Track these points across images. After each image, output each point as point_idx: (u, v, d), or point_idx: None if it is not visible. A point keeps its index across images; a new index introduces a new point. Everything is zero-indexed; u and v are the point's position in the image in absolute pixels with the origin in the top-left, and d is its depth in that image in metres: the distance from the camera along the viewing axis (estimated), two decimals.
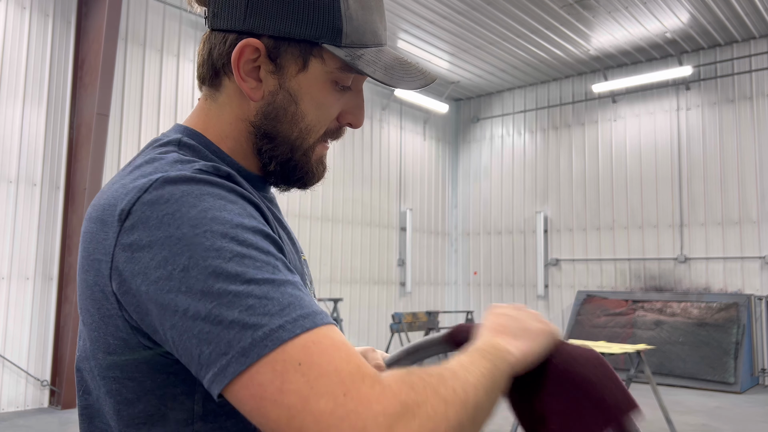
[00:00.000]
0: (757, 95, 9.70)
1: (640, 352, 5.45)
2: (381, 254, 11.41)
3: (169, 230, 0.62)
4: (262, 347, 0.57)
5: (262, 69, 0.77)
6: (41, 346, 6.87)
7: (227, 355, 0.57)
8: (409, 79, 0.80)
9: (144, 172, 0.69)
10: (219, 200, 0.65)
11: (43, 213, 6.98)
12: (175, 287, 0.60)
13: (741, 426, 6.39)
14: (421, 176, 12.41)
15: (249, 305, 0.58)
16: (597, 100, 11.28)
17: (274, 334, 0.57)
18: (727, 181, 9.83)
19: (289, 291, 0.61)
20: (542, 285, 11.57)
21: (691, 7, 8.67)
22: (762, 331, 9.22)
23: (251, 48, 0.75)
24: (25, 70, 6.91)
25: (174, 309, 0.60)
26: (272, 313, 0.58)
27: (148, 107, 7.98)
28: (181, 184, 0.65)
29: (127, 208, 0.65)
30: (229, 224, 0.63)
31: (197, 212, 0.63)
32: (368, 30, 0.78)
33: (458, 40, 9.91)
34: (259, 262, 0.62)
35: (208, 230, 0.62)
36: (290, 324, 0.58)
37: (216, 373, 0.58)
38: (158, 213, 0.63)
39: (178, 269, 0.60)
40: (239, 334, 0.57)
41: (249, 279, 0.60)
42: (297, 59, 0.77)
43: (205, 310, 0.58)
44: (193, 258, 0.60)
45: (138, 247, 0.63)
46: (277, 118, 0.78)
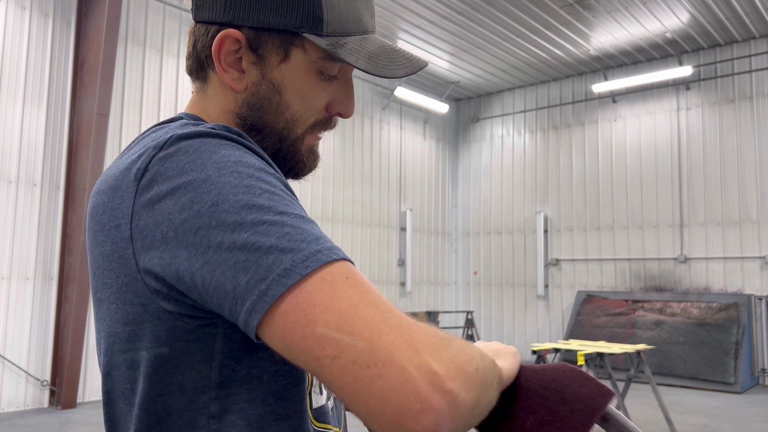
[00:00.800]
0: (757, 95, 9.70)
1: (640, 352, 5.45)
2: (381, 254, 11.41)
3: (192, 175, 0.61)
4: (304, 267, 0.56)
5: (243, 60, 0.76)
6: (41, 346, 6.87)
7: (267, 279, 0.56)
8: (394, 67, 0.77)
9: (154, 139, 0.68)
10: (236, 150, 0.65)
11: (43, 213, 6.98)
12: (205, 223, 0.59)
13: (741, 426, 6.39)
14: (421, 176, 12.41)
15: (285, 232, 0.58)
16: (597, 100, 11.28)
17: (314, 257, 0.57)
18: (727, 181, 9.83)
19: (317, 228, 0.62)
20: (542, 285, 11.57)
21: (691, 7, 8.68)
22: (762, 331, 9.22)
23: (231, 39, 0.75)
24: (25, 70, 6.91)
25: (207, 245, 0.58)
26: (309, 240, 0.58)
27: (148, 107, 7.98)
28: (197, 139, 0.65)
29: (143, 165, 0.64)
30: (254, 167, 0.63)
31: (219, 157, 0.62)
32: (351, 18, 0.77)
33: (458, 40, 9.91)
34: (287, 200, 0.62)
35: (234, 170, 0.61)
36: (327, 250, 0.58)
37: (255, 301, 0.56)
38: (177, 163, 0.63)
39: (207, 206, 0.59)
40: (280, 257, 0.56)
41: (281, 211, 0.60)
42: (278, 49, 0.76)
43: (241, 240, 0.57)
44: (222, 194, 0.60)
45: (158, 198, 0.62)
46: (262, 109, 0.78)
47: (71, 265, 6.92)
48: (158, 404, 0.68)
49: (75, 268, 6.85)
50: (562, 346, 5.37)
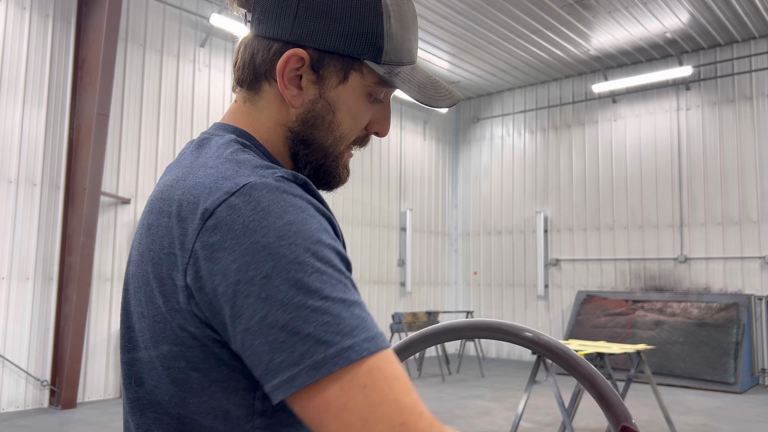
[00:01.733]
0: (757, 95, 9.70)
1: (640, 352, 5.45)
2: (381, 254, 11.41)
3: (254, 237, 0.64)
4: (333, 364, 0.60)
5: (304, 78, 0.81)
6: (41, 346, 6.87)
7: (298, 366, 0.61)
8: (440, 98, 0.84)
9: (224, 173, 0.71)
10: (301, 213, 0.67)
11: (43, 213, 6.98)
12: (255, 292, 0.63)
13: (741, 426, 6.39)
14: (421, 176, 12.41)
15: (325, 321, 0.62)
16: (597, 100, 11.28)
17: (344, 353, 0.61)
18: (727, 181, 9.83)
19: (357, 312, 0.64)
20: (542, 285, 11.57)
21: (691, 7, 8.68)
22: (762, 331, 9.22)
23: (297, 57, 0.79)
24: (25, 70, 6.91)
25: (251, 314, 0.63)
26: (344, 332, 0.62)
27: (148, 107, 7.98)
28: (267, 193, 0.67)
29: (212, 208, 0.67)
30: (311, 240, 0.66)
31: (282, 224, 0.65)
32: (405, 49, 0.83)
33: (458, 40, 9.91)
34: (335, 279, 0.65)
35: (293, 243, 0.64)
36: (358, 346, 0.62)
37: (284, 381, 0.61)
38: (245, 218, 0.65)
39: (260, 275, 0.63)
40: (313, 348, 0.61)
41: (326, 296, 0.63)
42: (338, 72, 0.81)
43: (283, 320, 0.62)
44: (277, 268, 0.63)
45: (220, 247, 0.65)
46: (315, 126, 0.82)
47: (71, 265, 6.92)
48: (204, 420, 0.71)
49: (75, 268, 6.85)
50: None
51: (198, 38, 8.60)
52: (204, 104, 8.61)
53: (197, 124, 8.50)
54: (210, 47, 8.72)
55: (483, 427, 6.13)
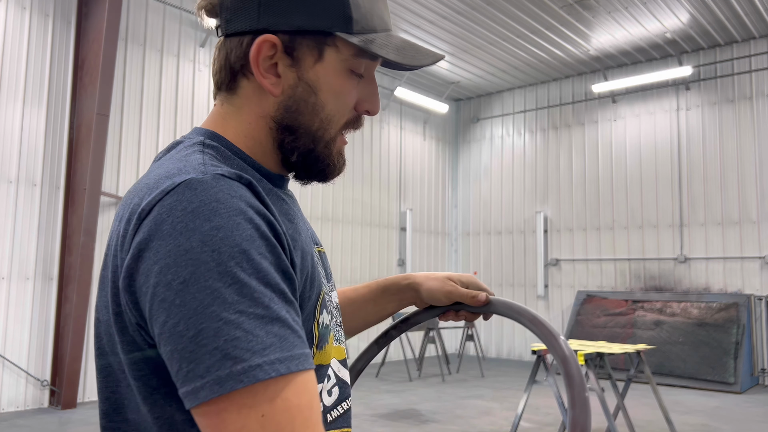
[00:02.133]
0: (757, 95, 9.70)
1: (640, 352, 5.45)
2: (381, 254, 11.41)
3: (179, 239, 0.63)
4: (237, 381, 0.59)
5: (279, 64, 0.79)
6: (41, 346, 6.87)
7: (203, 378, 0.59)
8: (421, 57, 0.82)
9: (169, 172, 0.71)
10: (234, 217, 0.65)
11: (43, 213, 6.98)
12: (170, 297, 0.61)
13: (741, 426, 6.39)
14: (421, 176, 12.41)
15: (235, 337, 0.60)
16: (597, 100, 11.28)
17: (251, 372, 0.59)
18: (727, 181, 9.83)
19: (275, 330, 0.62)
20: (542, 285, 11.57)
21: (691, 7, 8.68)
22: (762, 331, 9.22)
23: (268, 44, 0.78)
24: (25, 70, 6.91)
25: (164, 319, 0.62)
26: (255, 350, 0.60)
27: (148, 107, 7.98)
28: (201, 192, 0.66)
29: (147, 207, 0.67)
30: (238, 248, 0.63)
31: (209, 228, 0.63)
32: (375, 15, 0.82)
33: (458, 40, 9.91)
34: (257, 293, 0.62)
35: (215, 249, 0.62)
36: (267, 365, 0.60)
37: (189, 392, 0.60)
38: (173, 219, 0.64)
39: (178, 280, 0.61)
40: (219, 363, 0.59)
41: (241, 310, 0.61)
42: (312, 51, 0.79)
43: (194, 330, 0.60)
44: (195, 274, 0.61)
45: (147, 247, 0.64)
46: (298, 110, 0.81)
47: (71, 265, 6.92)
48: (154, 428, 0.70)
49: (75, 268, 6.84)
50: None
51: (198, 38, 8.60)
52: (204, 104, 8.61)
53: (197, 124, 8.48)
54: (210, 47, 8.72)
55: (483, 427, 6.13)
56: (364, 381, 8.59)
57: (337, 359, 0.87)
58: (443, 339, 11.43)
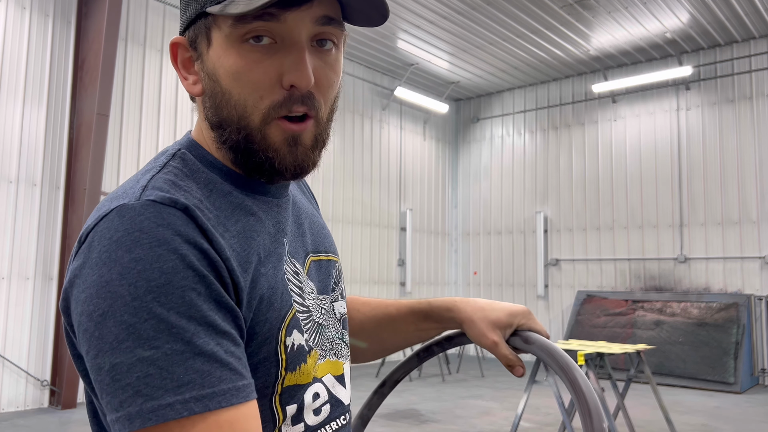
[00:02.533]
0: (757, 95, 9.70)
1: (640, 352, 5.45)
2: (381, 254, 11.41)
3: (102, 270, 0.62)
4: (146, 419, 0.58)
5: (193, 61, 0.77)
6: (41, 346, 6.87)
7: (118, 412, 0.59)
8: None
9: (117, 191, 0.70)
10: (157, 248, 0.62)
11: (43, 213, 6.98)
12: (91, 329, 0.61)
13: (741, 426, 6.39)
14: (421, 176, 12.41)
15: (148, 374, 0.58)
16: (597, 100, 11.28)
17: (161, 410, 0.58)
18: (727, 181, 9.83)
19: (196, 366, 0.59)
20: (542, 285, 11.57)
21: (691, 7, 8.68)
22: (762, 331, 9.22)
23: (179, 45, 0.76)
24: (25, 70, 6.91)
25: (86, 349, 0.62)
26: (168, 387, 0.58)
27: (148, 107, 7.98)
28: (127, 220, 0.64)
29: (85, 233, 0.67)
30: (156, 282, 0.61)
31: (129, 260, 0.61)
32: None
33: (458, 40, 9.91)
34: (176, 328, 0.60)
35: (132, 284, 0.60)
36: (180, 404, 0.58)
37: (112, 421, 0.60)
38: (100, 248, 0.63)
39: (98, 313, 0.61)
40: (131, 399, 0.58)
41: (157, 346, 0.59)
42: (203, 37, 0.74)
43: (110, 364, 0.59)
44: (113, 308, 0.60)
45: (78, 274, 0.64)
46: (216, 105, 0.74)
47: None
48: None
49: None
50: (562, 346, 5.37)
51: None
52: None
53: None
54: None
55: (483, 427, 6.13)
56: (364, 381, 8.59)
57: (333, 375, 0.83)
58: None
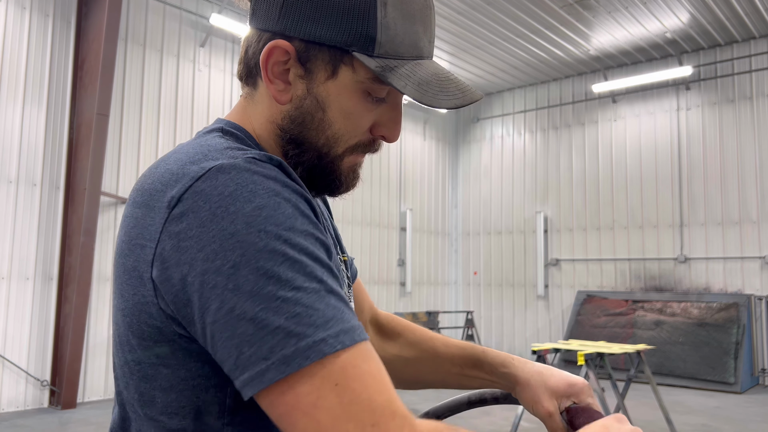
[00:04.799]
0: (757, 95, 9.70)
1: (640, 352, 5.45)
2: (381, 254, 11.41)
3: (222, 224, 0.61)
4: (304, 358, 0.58)
5: (291, 72, 0.75)
6: (41, 346, 6.87)
7: (268, 360, 0.58)
8: (444, 97, 0.74)
9: (193, 157, 0.68)
10: (274, 197, 0.63)
11: (43, 213, 6.98)
12: (222, 283, 0.60)
13: (741, 426, 6.39)
14: (421, 176, 12.41)
15: (296, 313, 0.59)
16: (597, 100, 11.28)
17: (316, 347, 0.58)
18: (727, 181, 9.83)
19: (333, 302, 0.61)
20: (542, 285, 11.56)
21: (691, 7, 8.68)
22: (762, 331, 9.22)
23: (281, 50, 0.74)
24: (25, 70, 6.91)
25: (218, 305, 0.60)
26: (317, 324, 0.59)
27: (148, 107, 7.97)
28: (236, 175, 0.64)
29: (178, 195, 0.64)
30: (283, 226, 0.62)
31: (252, 209, 0.62)
32: (407, 42, 0.74)
33: (458, 40, 9.91)
34: (309, 268, 0.62)
35: (262, 230, 0.61)
36: (332, 338, 0.59)
37: (253, 377, 0.58)
38: (211, 204, 0.62)
39: (228, 265, 0.60)
40: (283, 341, 0.58)
41: (298, 286, 0.60)
42: (327, 65, 0.74)
43: (252, 312, 0.58)
44: (245, 256, 0.60)
45: (187, 236, 0.62)
46: (304, 124, 0.77)
47: (71, 265, 6.92)
48: (172, 421, 0.69)
49: (75, 268, 6.84)
50: (562, 347, 5.37)
51: (198, 38, 8.59)
52: (204, 104, 8.61)
53: (197, 124, 8.49)
54: (210, 47, 8.72)
55: (483, 427, 6.12)
56: None
57: None
58: None
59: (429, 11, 0.78)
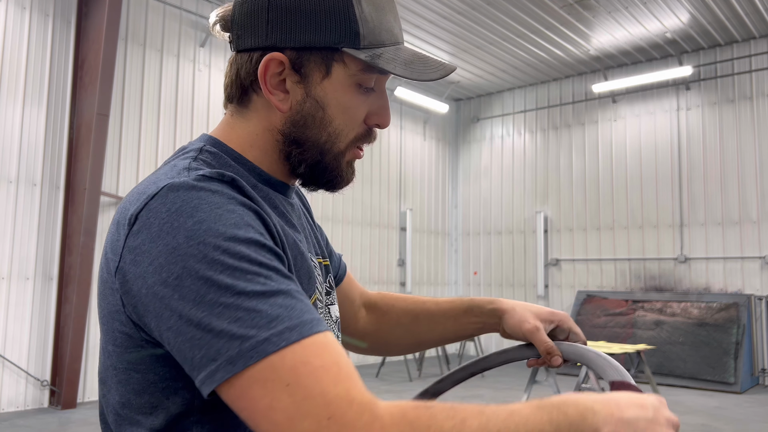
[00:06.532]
0: (757, 95, 9.70)
1: (640, 352, 5.46)
2: (381, 254, 11.41)
3: (166, 239, 0.66)
4: (248, 358, 0.61)
5: (288, 81, 0.81)
6: (41, 346, 6.87)
7: (216, 361, 0.62)
8: (430, 71, 0.82)
9: (157, 177, 0.74)
10: (216, 209, 0.68)
11: (43, 213, 6.98)
12: (169, 294, 0.64)
13: (741, 426, 6.39)
14: (421, 176, 12.41)
15: (237, 317, 0.62)
16: (597, 100, 11.28)
17: (259, 347, 0.61)
18: (727, 181, 9.83)
19: (279, 302, 0.64)
20: (542, 285, 11.57)
21: (691, 7, 8.68)
22: (762, 331, 9.22)
23: (276, 62, 0.79)
24: (25, 70, 6.91)
25: (169, 314, 0.64)
26: (260, 325, 0.62)
27: (148, 107, 7.97)
28: (183, 193, 0.69)
29: (135, 212, 0.70)
30: (222, 236, 0.66)
31: (192, 223, 0.66)
32: (384, 29, 0.82)
33: (458, 40, 9.91)
34: (251, 274, 0.65)
35: (201, 242, 0.65)
36: (276, 337, 0.61)
37: (206, 376, 0.63)
38: (160, 221, 0.67)
39: (173, 277, 0.64)
40: (227, 344, 0.61)
41: (239, 291, 0.63)
42: (320, 66, 0.80)
43: (197, 318, 0.63)
44: (186, 268, 0.64)
45: (140, 251, 0.67)
46: (306, 125, 0.82)
47: (71, 265, 6.92)
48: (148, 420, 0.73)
49: (75, 268, 6.84)
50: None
51: (198, 38, 8.59)
52: (204, 104, 8.61)
53: (197, 124, 8.50)
54: (210, 47, 8.71)
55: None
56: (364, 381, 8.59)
57: None
58: None
59: (393, 1, 0.86)
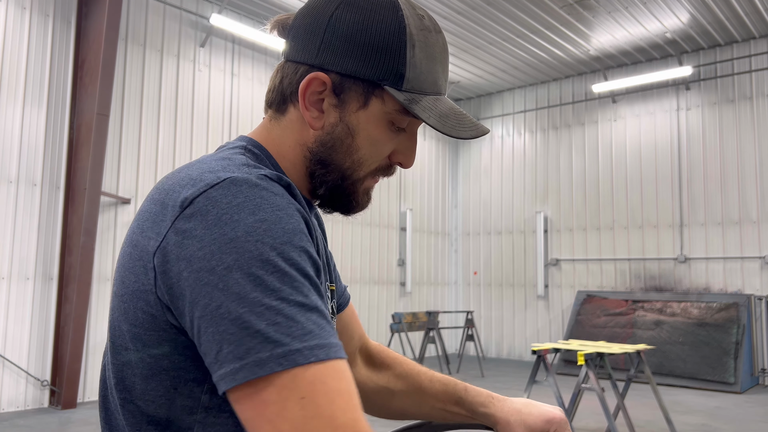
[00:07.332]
0: (757, 95, 9.70)
1: (640, 352, 5.46)
2: (381, 254, 11.41)
3: (224, 229, 0.66)
4: (277, 364, 0.61)
5: (325, 101, 0.84)
6: (41, 346, 6.87)
7: (243, 360, 0.62)
8: (462, 129, 0.85)
9: (212, 167, 0.74)
10: (276, 212, 0.69)
11: (43, 213, 6.98)
12: (214, 282, 0.64)
13: (741, 426, 6.39)
14: (421, 176, 12.41)
15: (276, 321, 0.62)
16: (597, 100, 11.28)
17: (291, 356, 0.61)
18: (727, 181, 9.83)
19: (314, 318, 0.65)
20: (542, 285, 11.57)
21: (691, 7, 8.68)
22: (762, 331, 9.22)
23: (319, 81, 0.82)
24: (25, 70, 6.91)
25: (207, 301, 0.64)
26: (295, 335, 0.63)
27: (148, 107, 7.98)
28: (246, 189, 0.70)
29: (191, 197, 0.70)
30: (280, 240, 0.67)
31: (254, 220, 0.67)
32: (429, 78, 0.85)
33: (458, 40, 9.91)
34: (297, 282, 0.66)
35: (259, 240, 0.66)
36: (308, 350, 0.62)
37: (227, 373, 0.62)
38: (219, 210, 0.67)
39: (222, 266, 0.64)
40: (260, 345, 0.61)
41: (283, 297, 0.64)
42: (359, 96, 0.83)
43: (236, 312, 0.63)
44: (239, 261, 0.64)
45: (191, 235, 0.67)
46: (333, 148, 0.85)
47: (71, 265, 6.92)
48: (148, 408, 0.73)
49: (75, 268, 6.84)
50: (562, 346, 5.37)
51: (198, 38, 8.59)
52: (204, 104, 8.61)
53: (197, 124, 8.50)
54: (210, 47, 8.72)
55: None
56: None
57: None
58: (443, 339, 11.43)
59: (447, 54, 0.89)
